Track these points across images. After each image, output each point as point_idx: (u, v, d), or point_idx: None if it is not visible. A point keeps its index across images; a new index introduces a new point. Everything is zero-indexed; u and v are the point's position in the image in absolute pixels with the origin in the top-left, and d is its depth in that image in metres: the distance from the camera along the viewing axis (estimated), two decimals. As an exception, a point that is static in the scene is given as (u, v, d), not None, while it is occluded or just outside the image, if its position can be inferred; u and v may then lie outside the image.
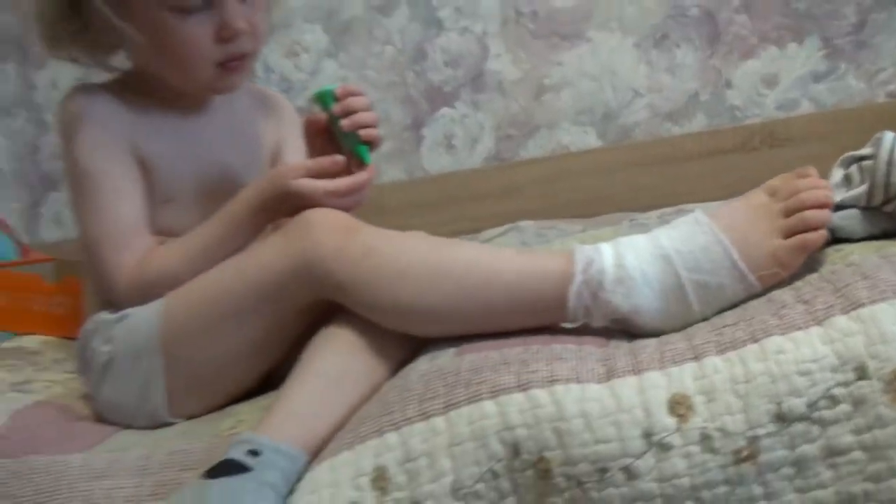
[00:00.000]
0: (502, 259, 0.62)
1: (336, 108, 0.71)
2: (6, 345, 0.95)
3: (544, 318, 0.59)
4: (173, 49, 0.72)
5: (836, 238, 0.59)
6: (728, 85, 1.51)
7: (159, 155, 0.75)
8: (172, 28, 0.71)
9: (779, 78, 1.49)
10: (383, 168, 1.74)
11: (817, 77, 1.47)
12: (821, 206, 0.55)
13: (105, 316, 0.70)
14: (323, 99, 0.72)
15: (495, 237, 1.34)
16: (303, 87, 1.76)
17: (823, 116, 1.45)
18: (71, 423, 0.69)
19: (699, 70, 1.51)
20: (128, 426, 0.69)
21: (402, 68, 1.68)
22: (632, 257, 0.57)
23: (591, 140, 1.59)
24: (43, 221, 2.00)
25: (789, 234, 0.56)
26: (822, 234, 0.54)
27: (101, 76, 0.83)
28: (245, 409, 0.67)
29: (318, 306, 0.65)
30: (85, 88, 0.75)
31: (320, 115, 0.73)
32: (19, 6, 0.72)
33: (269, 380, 0.70)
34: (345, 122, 0.71)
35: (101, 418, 0.71)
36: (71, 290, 0.99)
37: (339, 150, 0.72)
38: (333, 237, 0.62)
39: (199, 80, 0.74)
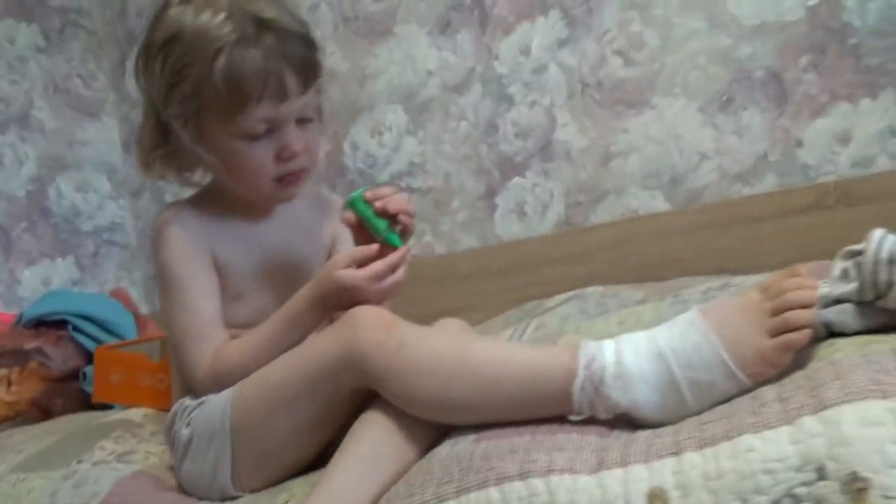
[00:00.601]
0: (515, 355, 0.68)
1: (368, 194, 0.83)
2: (116, 416, 1.10)
3: (553, 409, 0.65)
4: (240, 169, 0.85)
5: (832, 332, 0.61)
6: (799, 144, 1.49)
7: (231, 258, 0.87)
8: (241, 152, 0.83)
9: (852, 134, 1.46)
10: (458, 237, 1.84)
11: (895, 132, 1.43)
12: (805, 307, 0.58)
13: (187, 401, 0.82)
14: (353, 202, 0.84)
15: (559, 305, 1.39)
16: (386, 162, 1.91)
17: (902, 173, 1.40)
18: (161, 493, 0.81)
19: (767, 131, 1.51)
20: (202, 498, 0.80)
21: (476, 142, 1.79)
22: (630, 354, 0.62)
23: (658, 204, 1.62)
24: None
25: (775, 333, 0.59)
26: (805, 334, 0.57)
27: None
28: (298, 484, 0.76)
29: (364, 392, 0.74)
30: (173, 207, 0.89)
31: (352, 217, 0.84)
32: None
33: (324, 457, 0.79)
34: (377, 205, 0.82)
35: (182, 490, 0.83)
36: (170, 368, 1.14)
37: (375, 241, 0.83)
38: (374, 332, 0.71)
39: (262, 193, 0.86)
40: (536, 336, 1.18)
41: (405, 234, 0.84)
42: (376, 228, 0.83)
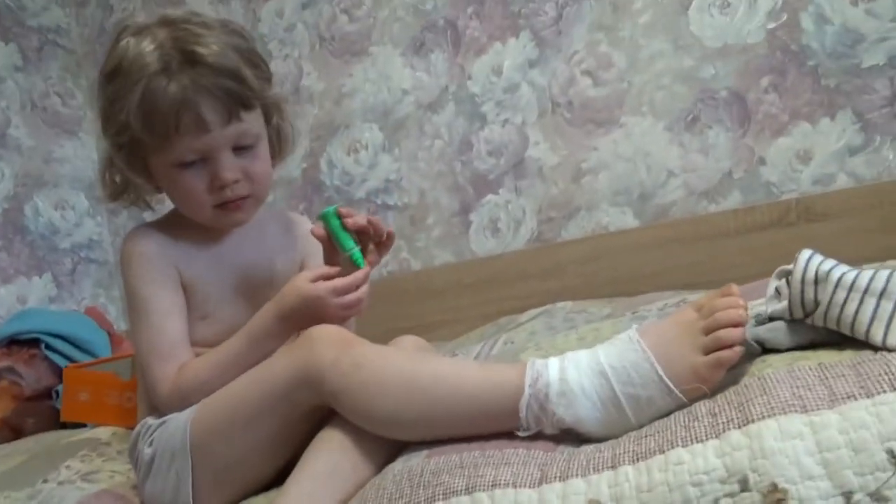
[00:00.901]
0: (465, 373, 0.70)
1: (342, 209, 0.85)
2: (84, 435, 1.11)
3: (501, 425, 0.67)
4: (179, 196, 0.87)
5: (767, 349, 0.64)
6: (762, 162, 1.53)
7: (198, 277, 0.89)
8: (176, 180, 0.85)
9: (813, 153, 1.50)
10: (434, 252, 1.86)
11: (853, 151, 1.47)
12: (735, 325, 0.60)
13: (150, 421, 0.84)
14: (325, 216, 0.86)
15: (530, 320, 1.41)
16: (362, 179, 1.93)
17: (860, 190, 1.44)
18: (124, 509, 0.82)
19: (731, 149, 1.55)
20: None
21: (450, 159, 1.82)
22: (573, 372, 0.64)
23: (628, 220, 1.65)
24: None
25: (708, 350, 0.61)
26: (736, 351, 0.60)
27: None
28: (258, 502, 0.77)
29: (323, 409, 0.76)
30: (139, 229, 0.90)
31: (321, 229, 0.86)
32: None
33: (284, 475, 0.80)
34: (347, 222, 0.85)
35: (153, 505, 0.84)
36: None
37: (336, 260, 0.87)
38: (330, 350, 0.73)
39: (205, 219, 0.88)
40: (505, 350, 1.21)
41: (379, 253, 0.87)
42: (343, 244, 0.85)
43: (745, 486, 0.49)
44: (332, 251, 0.88)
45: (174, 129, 0.80)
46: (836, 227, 1.44)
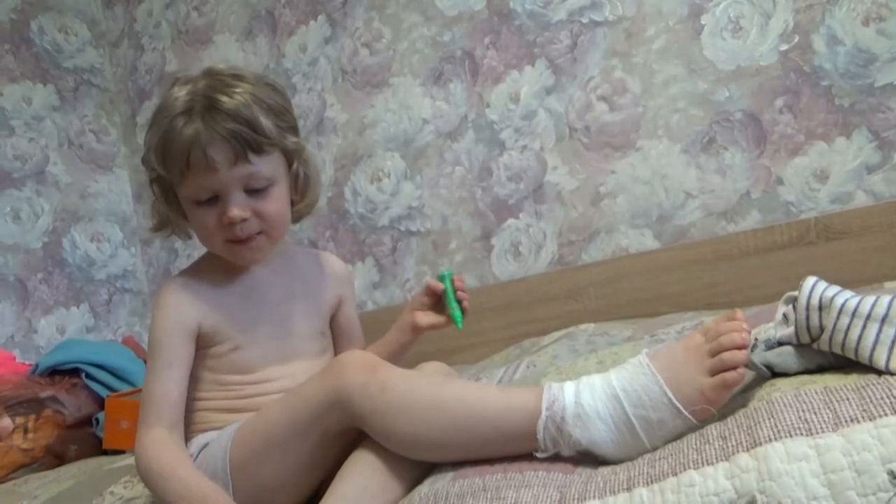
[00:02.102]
0: (485, 397, 0.73)
1: (456, 279, 1.04)
2: (125, 462, 1.15)
3: (520, 447, 0.70)
4: (196, 229, 0.93)
5: (776, 372, 0.66)
6: (779, 182, 1.55)
7: (224, 317, 0.93)
8: (192, 214, 0.91)
9: (829, 172, 1.52)
10: (457, 277, 1.90)
11: (870, 168, 1.48)
12: (738, 348, 0.63)
13: (191, 447, 0.88)
14: (444, 278, 1.05)
15: (552, 343, 1.44)
16: (385, 206, 1.98)
17: (879, 208, 1.45)
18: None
19: (748, 169, 1.57)
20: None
21: (471, 185, 1.86)
22: (587, 395, 0.67)
23: (648, 241, 1.67)
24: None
25: (714, 372, 0.64)
26: (740, 373, 0.62)
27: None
28: (293, 523, 0.81)
29: (354, 432, 0.80)
30: (167, 282, 0.95)
31: (438, 284, 1.04)
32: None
33: (319, 495, 0.84)
34: (459, 293, 1.04)
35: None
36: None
37: (441, 311, 1.05)
38: (359, 375, 0.77)
39: (221, 253, 0.93)
40: (527, 374, 1.23)
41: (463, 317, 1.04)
42: (451, 304, 1.03)
43: (753, 506, 0.52)
44: (438, 304, 1.04)
45: (185, 166, 0.86)
46: (855, 245, 1.45)
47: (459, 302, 1.03)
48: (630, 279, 1.65)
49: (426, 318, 1.05)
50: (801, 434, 0.54)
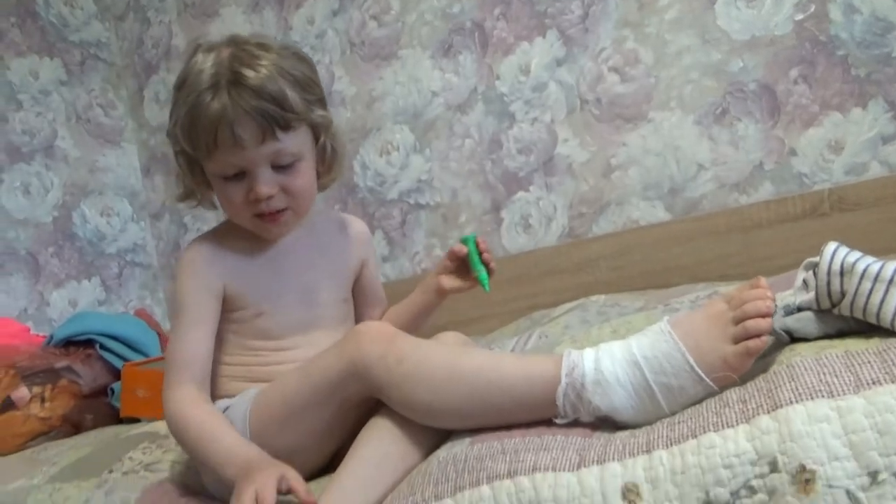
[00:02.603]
0: (504, 365, 0.74)
1: (480, 241, 1.02)
2: (143, 429, 1.17)
3: (539, 414, 0.70)
4: (223, 204, 0.92)
5: (795, 338, 0.66)
6: (793, 153, 1.54)
7: (249, 282, 0.94)
8: (220, 189, 0.91)
9: (844, 143, 1.50)
10: (467, 250, 1.90)
11: (886, 139, 1.47)
12: (762, 316, 0.63)
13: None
14: (468, 240, 1.03)
15: (563, 314, 1.44)
16: (395, 180, 1.97)
17: (894, 179, 1.44)
18: (187, 497, 0.87)
19: (762, 141, 1.56)
20: (227, 501, 0.85)
21: (481, 158, 1.85)
22: (608, 362, 0.67)
23: (659, 213, 1.67)
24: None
25: (737, 340, 0.64)
26: (763, 341, 0.62)
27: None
28: (313, 488, 0.82)
29: (370, 401, 0.81)
30: (194, 242, 0.96)
31: (462, 248, 1.02)
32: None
33: (335, 462, 0.85)
34: (484, 255, 1.02)
35: (209, 494, 0.89)
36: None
37: (466, 276, 1.04)
38: (377, 346, 0.77)
39: (245, 225, 0.93)
40: (539, 344, 1.24)
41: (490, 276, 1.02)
42: (477, 267, 1.01)
43: (774, 467, 0.52)
44: (463, 268, 1.03)
45: (213, 143, 0.85)
46: (869, 217, 1.44)
47: (486, 265, 1.02)
48: (641, 251, 1.64)
49: (451, 281, 1.04)
50: (823, 396, 0.54)
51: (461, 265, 1.04)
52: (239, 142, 0.85)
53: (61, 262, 2.10)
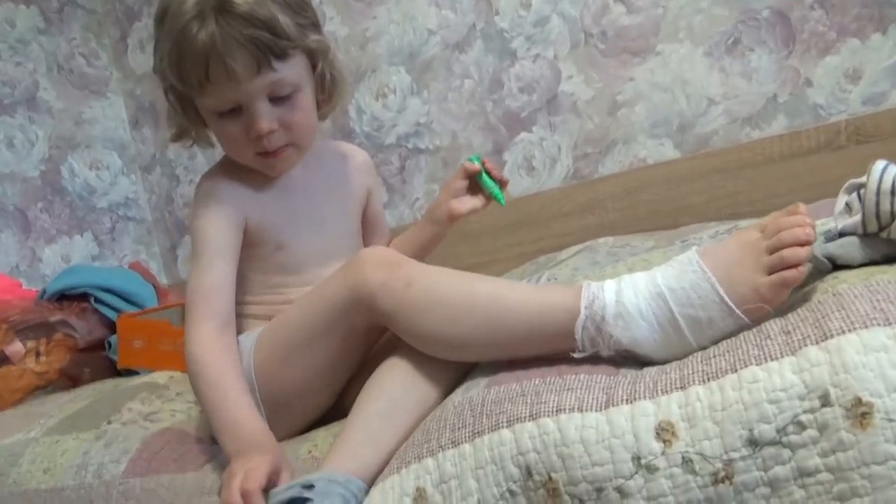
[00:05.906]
0: (520, 294, 0.69)
1: (485, 159, 0.98)
2: (141, 380, 1.14)
3: (557, 346, 0.66)
4: (222, 141, 0.87)
5: (837, 265, 0.61)
6: (808, 84, 1.47)
7: (266, 214, 0.89)
8: (217, 127, 0.85)
9: (862, 71, 1.44)
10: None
11: (906, 66, 1.41)
12: (802, 245, 0.58)
13: None
14: (475, 159, 0.99)
15: (571, 257, 1.39)
16: (392, 124, 1.90)
17: (915, 107, 1.38)
18: (188, 446, 0.84)
19: (776, 72, 1.49)
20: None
21: (481, 98, 1.78)
22: (630, 294, 0.63)
23: (668, 151, 1.61)
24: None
25: (772, 270, 0.59)
26: (801, 271, 0.57)
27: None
28: (320, 436, 0.78)
29: (377, 330, 0.77)
30: (211, 172, 0.90)
31: (473, 166, 0.98)
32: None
33: (342, 400, 0.82)
34: (489, 168, 0.98)
35: (213, 439, 0.85)
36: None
37: (475, 193, 1.00)
38: (380, 272, 0.73)
39: (247, 163, 0.88)
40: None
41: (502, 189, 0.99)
42: (489, 184, 0.98)
43: (826, 401, 0.48)
44: (475, 186, 0.99)
45: (205, 78, 0.79)
46: (888, 149, 1.39)
47: (497, 180, 0.98)
48: (649, 191, 1.59)
49: (464, 204, 0.98)
50: (878, 324, 0.50)
51: (468, 187, 0.99)
52: (232, 75, 0.79)
53: (52, 217, 2.04)
